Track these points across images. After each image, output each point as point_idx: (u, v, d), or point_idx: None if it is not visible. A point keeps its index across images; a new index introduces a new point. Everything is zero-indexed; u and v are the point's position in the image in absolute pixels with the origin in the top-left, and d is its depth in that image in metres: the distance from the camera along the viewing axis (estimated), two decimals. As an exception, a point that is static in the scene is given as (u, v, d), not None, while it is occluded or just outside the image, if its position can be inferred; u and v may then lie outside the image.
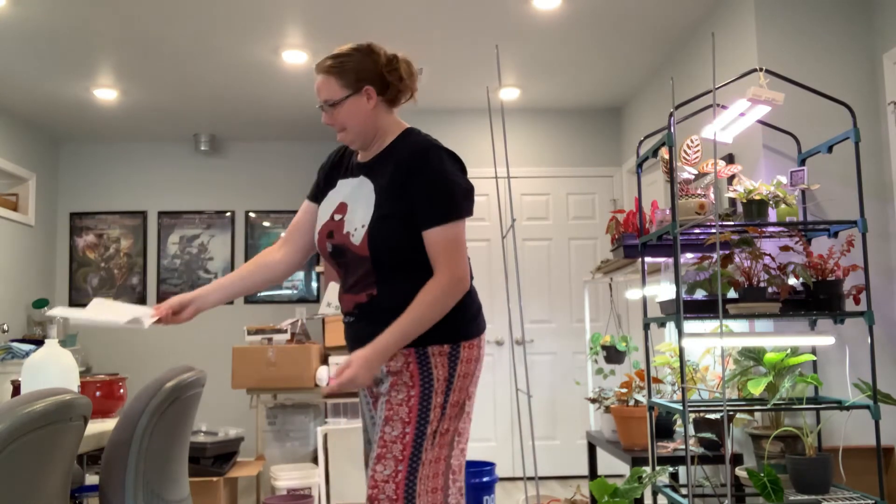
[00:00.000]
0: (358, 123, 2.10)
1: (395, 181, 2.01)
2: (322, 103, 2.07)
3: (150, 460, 2.12)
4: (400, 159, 2.05)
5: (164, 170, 6.52)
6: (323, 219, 2.13)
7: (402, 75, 2.12)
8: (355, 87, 2.06)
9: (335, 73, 2.05)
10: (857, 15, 3.59)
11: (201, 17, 4.05)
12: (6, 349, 5.12)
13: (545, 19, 4.15)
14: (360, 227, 2.01)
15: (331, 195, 2.15)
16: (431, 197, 1.99)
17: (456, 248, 1.98)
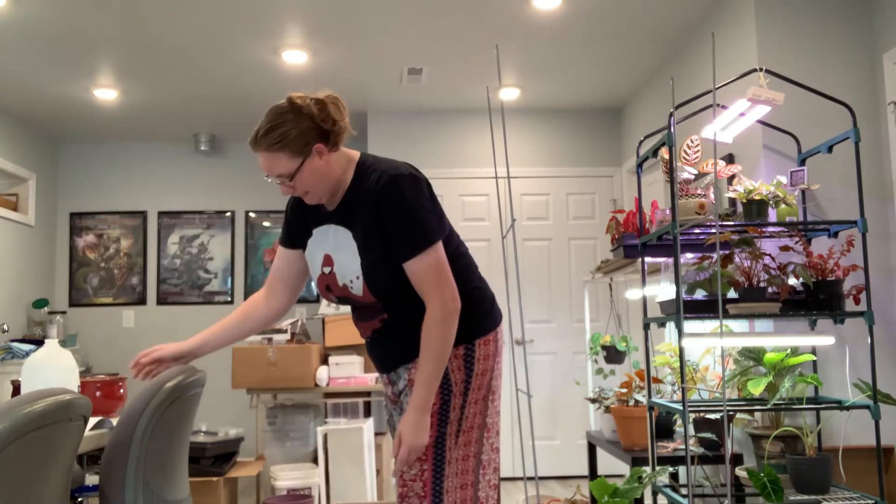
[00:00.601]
0: (320, 182, 2.01)
1: (368, 223, 1.99)
2: (276, 179, 1.99)
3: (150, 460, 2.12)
4: (365, 201, 2.00)
5: (164, 170, 6.52)
6: (314, 271, 2.13)
7: (335, 118, 1.99)
8: (304, 152, 1.96)
9: (279, 148, 1.95)
10: (857, 15, 3.59)
11: (201, 17, 4.05)
12: (6, 349, 5.12)
13: (545, 19, 4.15)
14: (356, 279, 2.02)
15: (311, 246, 2.13)
16: (402, 231, 1.96)
17: (438, 273, 1.98)
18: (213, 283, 6.45)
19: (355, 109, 5.71)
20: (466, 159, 5.77)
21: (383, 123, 5.75)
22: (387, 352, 2.09)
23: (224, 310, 6.42)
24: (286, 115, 1.94)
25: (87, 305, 6.37)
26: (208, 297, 6.43)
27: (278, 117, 1.94)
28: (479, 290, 2.10)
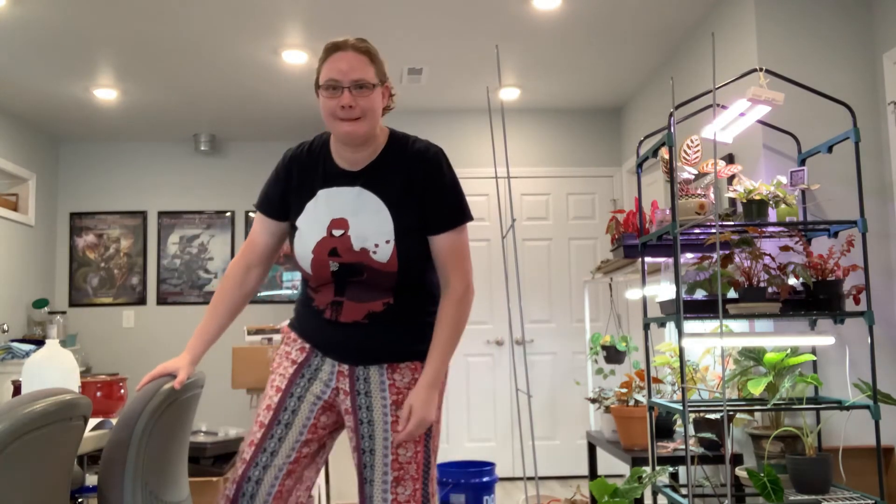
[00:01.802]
0: (375, 117, 1.98)
1: (410, 191, 1.97)
2: (350, 83, 1.92)
3: (149, 461, 2.12)
4: (409, 169, 1.99)
5: (164, 170, 6.52)
6: (314, 234, 1.99)
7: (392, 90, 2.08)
8: (382, 79, 1.98)
9: (371, 58, 1.95)
10: (857, 15, 3.59)
11: (201, 17, 4.05)
12: (6, 349, 5.12)
13: (545, 19, 4.15)
14: (385, 244, 1.95)
15: (312, 208, 2.01)
16: (446, 202, 1.99)
17: (466, 253, 2.02)
18: (213, 283, 6.45)
19: (355, 109, 5.70)
20: (466, 159, 5.77)
21: (383, 123, 5.75)
22: (378, 342, 2.01)
23: (224, 310, 6.41)
24: (374, 49, 1.97)
25: (87, 305, 6.37)
26: (208, 297, 6.43)
27: (370, 45, 1.96)
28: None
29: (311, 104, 5.57)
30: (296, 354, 2.11)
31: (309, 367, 2.08)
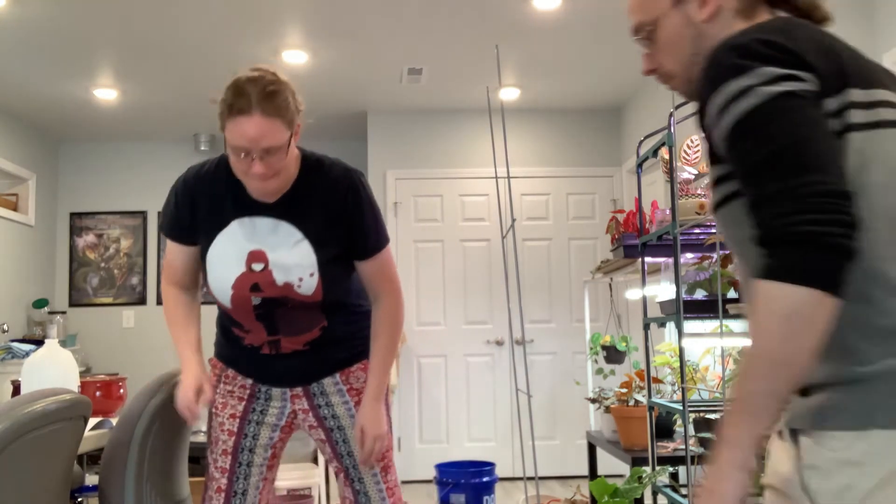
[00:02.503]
0: (289, 165, 1.84)
1: (331, 223, 1.91)
2: (261, 151, 1.72)
3: (150, 460, 2.12)
4: (328, 200, 1.90)
5: (164, 170, 6.52)
6: (232, 269, 1.89)
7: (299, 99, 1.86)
8: (292, 126, 1.78)
9: (281, 113, 1.73)
10: (857, 15, 3.59)
11: (201, 17, 4.05)
12: (6, 349, 5.12)
13: (545, 19, 4.15)
14: (309, 276, 1.89)
15: (225, 239, 1.90)
16: (370, 233, 1.96)
17: (392, 270, 2.04)
18: (213, 283, 6.45)
19: (355, 109, 5.71)
20: (466, 159, 5.77)
21: (383, 123, 5.75)
22: (324, 361, 2.03)
23: (224, 310, 6.41)
24: (280, 83, 1.77)
25: (87, 305, 6.37)
26: (208, 297, 6.41)
27: (276, 83, 1.75)
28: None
29: (311, 104, 5.56)
30: (240, 392, 2.06)
31: (258, 399, 2.05)
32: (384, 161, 5.74)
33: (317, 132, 6.30)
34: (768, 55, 1.02)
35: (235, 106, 1.72)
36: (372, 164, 5.73)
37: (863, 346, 0.99)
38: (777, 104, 0.99)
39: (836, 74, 1.05)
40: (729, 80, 1.03)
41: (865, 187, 1.01)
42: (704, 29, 1.18)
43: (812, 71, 1.03)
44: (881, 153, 1.03)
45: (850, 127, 1.03)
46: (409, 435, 5.55)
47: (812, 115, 1.00)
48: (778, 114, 0.98)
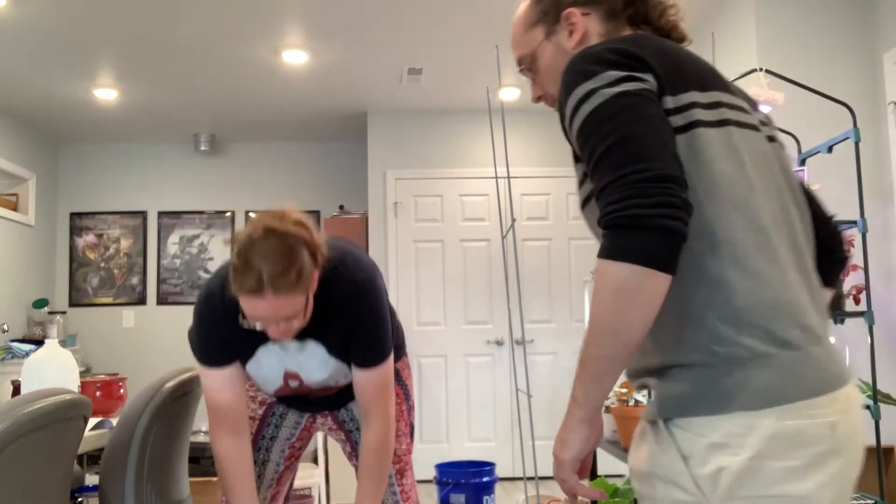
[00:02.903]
0: (308, 314, 1.81)
1: (344, 334, 1.91)
2: (279, 320, 1.72)
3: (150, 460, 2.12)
4: (342, 316, 1.88)
5: (164, 170, 6.52)
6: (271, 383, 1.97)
7: (317, 242, 1.79)
8: (309, 284, 1.74)
9: (296, 288, 1.69)
10: (857, 15, 3.59)
11: (201, 17, 4.05)
12: (6, 349, 5.12)
13: (545, 19, 4.15)
14: (344, 378, 2.00)
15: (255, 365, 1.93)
16: (367, 341, 1.91)
17: (386, 389, 1.96)
18: (213, 283, 6.45)
19: (355, 109, 5.71)
20: (466, 159, 5.77)
21: (383, 123, 5.75)
22: (347, 395, 2.11)
23: (224, 310, 6.41)
24: (294, 250, 1.69)
25: (87, 305, 6.37)
26: (208, 297, 6.43)
27: (289, 253, 1.68)
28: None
29: (311, 104, 5.57)
30: (261, 397, 2.20)
31: (278, 405, 2.19)
32: (384, 161, 5.74)
33: (317, 132, 6.30)
34: (612, 60, 1.13)
35: (245, 285, 1.67)
36: (372, 164, 5.73)
37: (720, 327, 1.05)
38: (615, 103, 1.09)
39: (676, 76, 1.16)
40: (579, 84, 1.13)
41: (716, 177, 1.10)
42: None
43: (652, 72, 1.14)
44: (728, 147, 1.13)
45: (696, 123, 1.13)
46: (409, 435, 5.56)
47: (646, 110, 1.09)
48: (615, 111, 1.08)
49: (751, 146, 1.17)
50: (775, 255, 1.10)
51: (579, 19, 1.31)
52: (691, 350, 1.07)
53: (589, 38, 1.30)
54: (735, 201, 1.10)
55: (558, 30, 1.32)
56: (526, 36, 1.36)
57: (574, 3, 1.31)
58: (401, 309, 5.58)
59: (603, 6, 1.31)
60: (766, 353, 1.04)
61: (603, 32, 1.30)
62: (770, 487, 1.01)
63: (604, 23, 1.31)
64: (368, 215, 5.72)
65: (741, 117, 1.20)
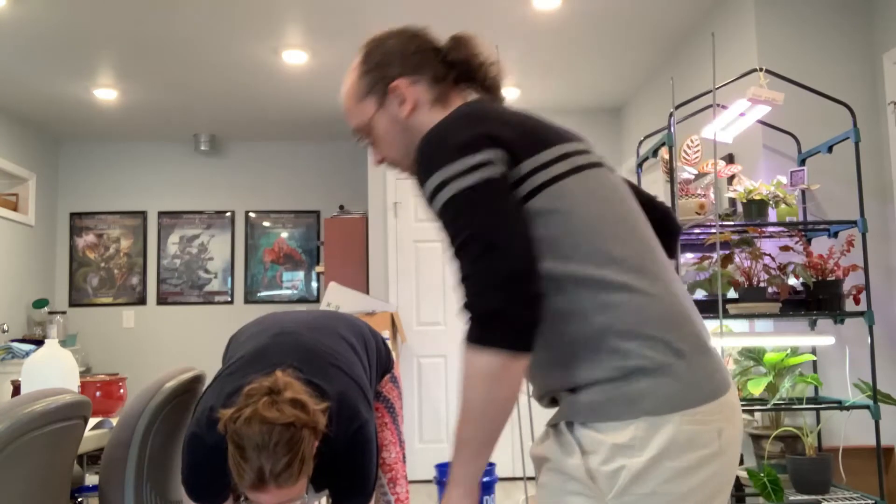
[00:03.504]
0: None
1: (332, 479, 1.88)
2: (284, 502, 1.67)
3: (150, 460, 2.12)
4: (331, 465, 1.84)
5: (164, 170, 6.52)
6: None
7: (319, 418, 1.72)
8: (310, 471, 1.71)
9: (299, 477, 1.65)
10: (856, 15, 3.59)
11: (201, 16, 4.05)
12: (6, 349, 5.12)
13: (545, 19, 4.15)
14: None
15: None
16: (352, 493, 1.87)
17: None
18: (213, 283, 6.45)
19: (355, 109, 5.70)
20: (466, 159, 5.77)
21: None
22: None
23: (224, 310, 6.41)
24: (295, 438, 1.62)
25: (87, 305, 6.37)
26: (208, 297, 6.43)
27: (291, 446, 1.61)
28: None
29: (311, 104, 5.57)
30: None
31: None
32: (384, 161, 5.73)
33: (317, 132, 6.30)
34: (463, 144, 1.19)
35: (246, 481, 1.62)
36: (372, 164, 5.72)
37: (622, 345, 1.15)
38: (469, 196, 1.16)
39: (526, 141, 1.23)
40: (432, 172, 1.19)
41: (585, 218, 1.20)
42: (409, 123, 1.37)
43: (502, 146, 1.20)
44: (587, 190, 1.23)
45: (555, 179, 1.21)
46: (410, 435, 5.55)
47: (498, 201, 1.16)
48: (469, 204, 1.16)
49: (602, 183, 1.27)
50: (653, 273, 1.20)
51: (408, 90, 1.36)
52: (599, 369, 1.16)
53: (420, 106, 1.36)
54: (607, 235, 1.20)
55: (389, 101, 1.37)
56: (358, 108, 1.40)
57: (401, 74, 1.36)
58: (401, 309, 5.58)
59: (428, 73, 1.37)
60: (666, 363, 1.14)
61: (433, 98, 1.37)
62: (660, 485, 1.12)
63: (432, 88, 1.37)
64: (368, 215, 5.72)
65: (587, 159, 1.28)
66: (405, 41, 1.39)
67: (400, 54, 1.38)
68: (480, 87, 1.40)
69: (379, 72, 1.38)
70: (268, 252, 6.52)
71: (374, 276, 5.63)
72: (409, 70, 1.37)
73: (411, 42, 1.39)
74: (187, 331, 6.35)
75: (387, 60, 1.38)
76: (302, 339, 1.93)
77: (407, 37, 1.40)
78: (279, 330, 1.96)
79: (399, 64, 1.37)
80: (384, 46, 1.39)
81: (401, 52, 1.38)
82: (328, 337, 1.98)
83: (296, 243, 6.54)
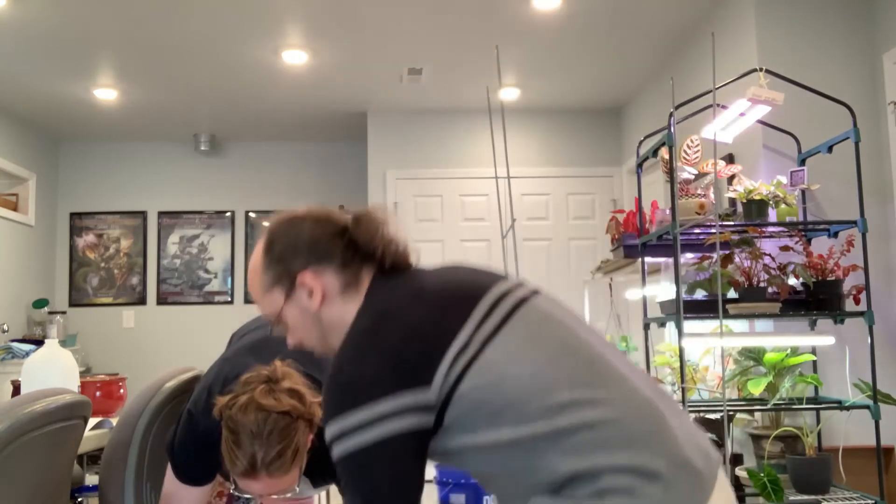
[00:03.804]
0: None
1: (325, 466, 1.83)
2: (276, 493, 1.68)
3: (150, 460, 2.12)
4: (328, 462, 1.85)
5: (164, 170, 6.52)
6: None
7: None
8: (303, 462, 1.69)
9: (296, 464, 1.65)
10: (857, 15, 3.59)
11: (201, 17, 4.05)
12: (6, 349, 5.12)
13: (545, 19, 4.15)
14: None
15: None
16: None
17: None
18: (213, 283, 6.45)
19: (355, 109, 5.71)
20: (466, 159, 5.77)
21: (383, 123, 5.75)
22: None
23: (224, 310, 6.41)
24: (289, 427, 1.63)
25: (87, 305, 6.37)
26: (208, 297, 6.43)
27: (285, 434, 1.62)
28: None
29: (311, 104, 5.57)
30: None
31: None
32: (384, 161, 5.74)
33: (317, 132, 6.30)
34: (366, 386, 1.15)
35: (238, 468, 1.63)
36: (372, 164, 5.73)
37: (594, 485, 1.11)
38: (361, 459, 1.14)
39: (451, 318, 1.19)
40: (329, 419, 1.17)
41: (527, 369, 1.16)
42: (320, 313, 1.33)
43: (411, 369, 1.16)
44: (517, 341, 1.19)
45: (480, 349, 1.17)
46: (409, 435, 5.56)
47: (397, 464, 1.15)
48: (361, 469, 1.15)
49: (531, 322, 1.22)
50: (612, 393, 1.15)
51: (315, 281, 1.32)
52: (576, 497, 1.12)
53: (330, 296, 1.33)
54: (549, 384, 1.15)
55: (297, 293, 1.33)
56: (266, 299, 1.37)
57: (306, 265, 1.33)
58: (401, 309, 5.58)
59: (334, 261, 1.33)
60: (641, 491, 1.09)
61: (342, 284, 1.33)
62: None
63: (340, 275, 1.33)
64: (368, 215, 5.71)
65: (515, 297, 1.25)
66: (309, 229, 1.35)
67: (305, 243, 1.34)
68: (388, 266, 1.37)
69: (284, 264, 1.34)
70: (268, 252, 6.52)
71: (374, 276, 5.62)
72: (314, 259, 1.33)
73: (315, 229, 1.35)
74: (187, 331, 6.34)
75: (291, 252, 1.34)
76: None
77: (310, 223, 1.36)
78: None
79: (304, 254, 1.33)
80: (288, 236, 1.35)
81: (305, 241, 1.34)
82: None
83: (296, 243, 6.54)
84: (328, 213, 1.39)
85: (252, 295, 1.41)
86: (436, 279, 1.31)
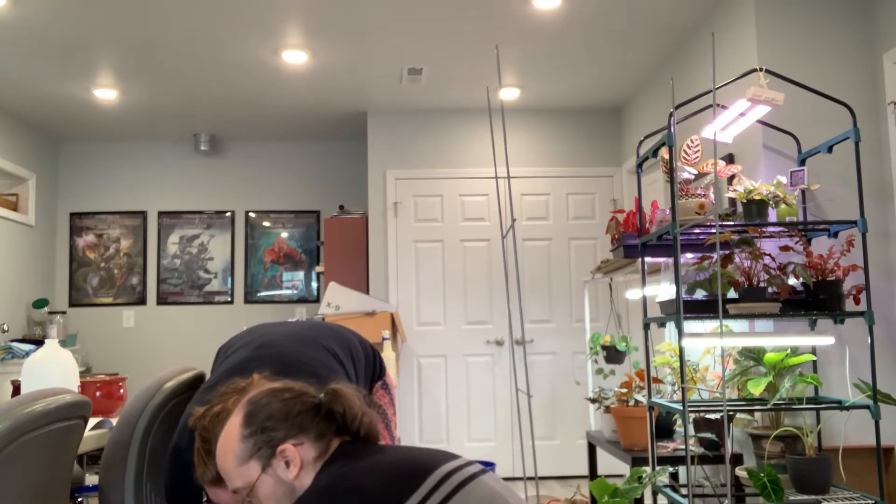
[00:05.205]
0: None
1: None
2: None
3: (150, 460, 2.12)
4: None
5: (164, 170, 6.52)
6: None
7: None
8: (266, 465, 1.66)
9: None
10: (857, 15, 3.59)
11: (201, 17, 4.05)
12: (6, 349, 5.12)
13: (545, 19, 4.15)
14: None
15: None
16: None
17: None
18: (213, 283, 6.45)
19: (355, 109, 5.71)
20: (466, 159, 5.77)
21: (383, 123, 5.75)
22: None
23: (224, 310, 6.41)
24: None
25: (87, 305, 6.37)
26: (208, 297, 6.43)
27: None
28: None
29: (311, 104, 5.57)
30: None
31: None
32: (384, 161, 5.74)
33: (317, 132, 6.30)
34: None
35: (206, 477, 1.66)
36: (372, 164, 5.73)
37: None
38: None
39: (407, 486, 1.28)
40: None
41: None
42: (296, 484, 1.41)
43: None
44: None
45: None
46: (410, 435, 5.55)
47: None
48: None
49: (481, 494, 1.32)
50: None
51: (294, 453, 1.41)
52: None
53: (306, 466, 1.41)
54: None
55: (275, 464, 1.41)
56: (239, 470, 1.43)
57: (286, 437, 1.41)
58: (401, 309, 5.58)
59: (312, 432, 1.43)
60: None
61: (317, 454, 1.42)
62: None
63: (315, 445, 1.43)
64: (368, 215, 5.72)
65: (459, 479, 1.32)
66: (288, 402, 1.44)
67: (284, 416, 1.42)
68: (357, 437, 1.46)
69: (264, 435, 1.41)
70: (268, 252, 6.52)
71: (374, 276, 5.63)
72: (294, 431, 1.42)
73: (294, 403, 1.44)
74: (187, 331, 6.34)
75: (271, 424, 1.42)
76: (284, 350, 1.96)
77: (290, 397, 1.45)
78: (262, 342, 2.00)
79: (284, 426, 1.42)
80: (268, 409, 1.43)
81: (285, 414, 1.43)
82: (310, 347, 2.01)
83: (296, 243, 6.54)
84: (304, 387, 1.49)
85: (222, 468, 1.45)
86: (392, 455, 1.40)
